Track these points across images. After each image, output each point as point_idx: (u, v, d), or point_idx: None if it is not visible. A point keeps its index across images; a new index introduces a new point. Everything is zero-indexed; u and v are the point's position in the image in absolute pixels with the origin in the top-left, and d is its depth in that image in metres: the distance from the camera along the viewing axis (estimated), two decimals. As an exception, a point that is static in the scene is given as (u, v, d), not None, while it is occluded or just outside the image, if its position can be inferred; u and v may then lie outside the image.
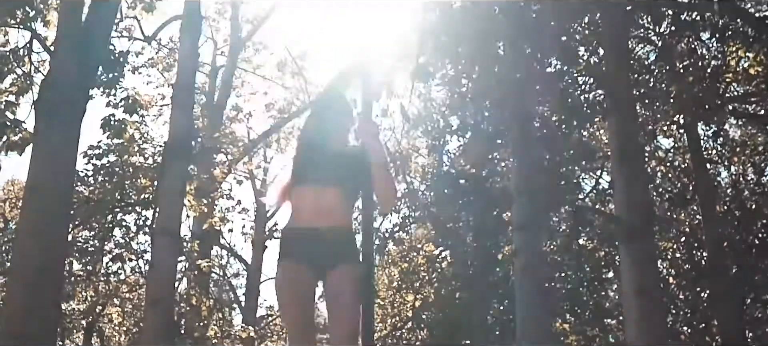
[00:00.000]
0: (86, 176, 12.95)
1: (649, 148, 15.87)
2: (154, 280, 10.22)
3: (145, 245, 14.11)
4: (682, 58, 12.30)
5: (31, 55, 10.58)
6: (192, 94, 11.71)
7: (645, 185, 10.23)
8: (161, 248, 10.19)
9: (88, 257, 13.92)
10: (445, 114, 15.73)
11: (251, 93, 21.46)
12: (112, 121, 11.77)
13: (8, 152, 9.62)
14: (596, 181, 16.72)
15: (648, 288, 8.21)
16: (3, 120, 9.67)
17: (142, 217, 13.47)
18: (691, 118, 13.63)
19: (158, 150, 13.05)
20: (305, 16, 33.80)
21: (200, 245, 14.47)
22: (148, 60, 18.22)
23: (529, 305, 10.43)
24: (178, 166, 10.55)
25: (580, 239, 17.59)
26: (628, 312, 8.31)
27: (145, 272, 13.84)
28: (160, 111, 19.23)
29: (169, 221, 10.31)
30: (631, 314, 8.19)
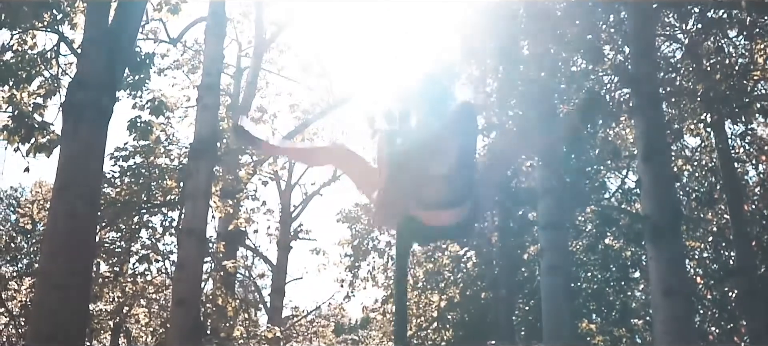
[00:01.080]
0: (113, 178, 13.05)
1: (676, 147, 15.75)
2: (180, 280, 10.29)
3: (172, 245, 14.20)
4: (708, 56, 12.18)
5: (58, 58, 10.68)
6: (217, 95, 11.77)
7: (672, 184, 10.15)
8: (187, 248, 10.26)
9: (115, 258, 14.01)
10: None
11: (276, 94, 21.56)
12: (139, 122, 11.84)
13: (36, 154, 9.71)
14: (622, 180, 16.62)
15: (676, 288, 8.14)
16: (31, 122, 9.76)
17: (168, 218, 13.56)
18: (718, 117, 13.49)
19: (184, 151, 13.12)
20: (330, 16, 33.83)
21: (226, 246, 14.52)
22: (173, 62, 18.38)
23: (555, 305, 10.40)
24: (203, 167, 10.62)
25: (606, 238, 17.49)
26: (657, 312, 8.24)
27: (172, 272, 13.91)
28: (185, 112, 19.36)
29: (195, 222, 10.38)
30: (660, 315, 8.12)
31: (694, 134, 15.52)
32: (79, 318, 7.34)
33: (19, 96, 10.05)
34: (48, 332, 6.94)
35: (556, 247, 10.84)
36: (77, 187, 7.64)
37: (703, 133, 15.41)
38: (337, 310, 24.88)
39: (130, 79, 10.97)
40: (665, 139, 9.84)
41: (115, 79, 8.84)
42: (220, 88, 13.65)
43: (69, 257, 7.28)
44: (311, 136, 21.75)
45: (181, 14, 11.52)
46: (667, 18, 12.43)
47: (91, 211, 7.81)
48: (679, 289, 8.18)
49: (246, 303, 14.68)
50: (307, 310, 25.68)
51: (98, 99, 8.19)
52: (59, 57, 10.69)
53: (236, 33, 20.68)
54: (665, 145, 9.65)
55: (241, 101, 19.43)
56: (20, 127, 9.62)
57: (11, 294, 18.57)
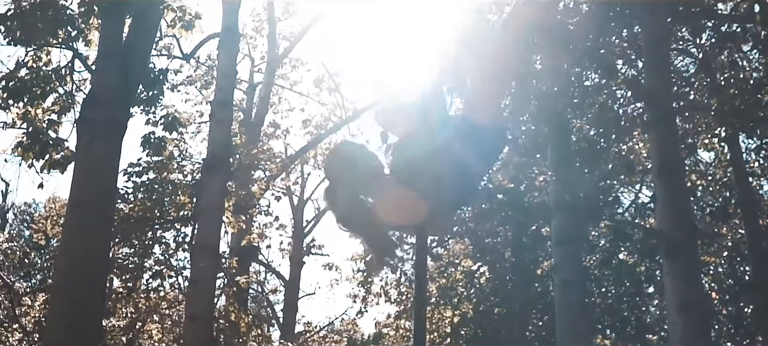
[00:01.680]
0: (126, 193, 13.08)
1: (690, 161, 15.67)
2: (193, 296, 10.29)
3: (185, 261, 14.23)
4: (722, 70, 12.13)
5: (72, 75, 10.73)
6: (230, 111, 11.81)
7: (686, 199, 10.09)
8: (200, 264, 10.27)
9: (129, 274, 14.03)
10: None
11: (288, 109, 21.59)
12: (152, 138, 11.89)
13: (50, 170, 9.76)
14: (636, 195, 16.54)
15: (692, 304, 8.08)
16: (45, 139, 9.81)
17: (181, 233, 13.58)
18: (733, 131, 13.42)
19: (197, 167, 13.15)
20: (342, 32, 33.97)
21: (239, 261, 14.53)
22: (186, 78, 18.44)
23: (569, 321, 10.34)
24: (216, 182, 10.64)
25: (620, 253, 17.40)
26: (673, 329, 8.17)
27: (185, 288, 13.92)
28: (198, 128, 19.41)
29: (208, 238, 10.39)
30: (676, 331, 8.05)
31: (708, 149, 15.45)
32: (93, 334, 7.35)
33: (34, 112, 10.11)
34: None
35: (569, 262, 10.79)
36: (91, 203, 7.66)
37: (718, 147, 15.34)
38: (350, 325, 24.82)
39: (143, 96, 11.01)
40: (679, 153, 9.79)
41: (129, 96, 8.88)
42: (233, 103, 13.69)
43: (83, 272, 7.29)
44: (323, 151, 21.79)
45: (194, 30, 11.56)
46: (680, 32, 12.40)
47: (104, 226, 7.83)
48: (695, 305, 8.11)
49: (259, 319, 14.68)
50: (320, 325, 25.65)
51: (112, 115, 8.22)
52: (74, 73, 10.75)
53: (249, 49, 20.77)
54: (679, 160, 9.60)
55: (253, 117, 19.48)
56: (35, 144, 9.67)
57: (25, 310, 18.63)
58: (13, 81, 10.04)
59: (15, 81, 10.05)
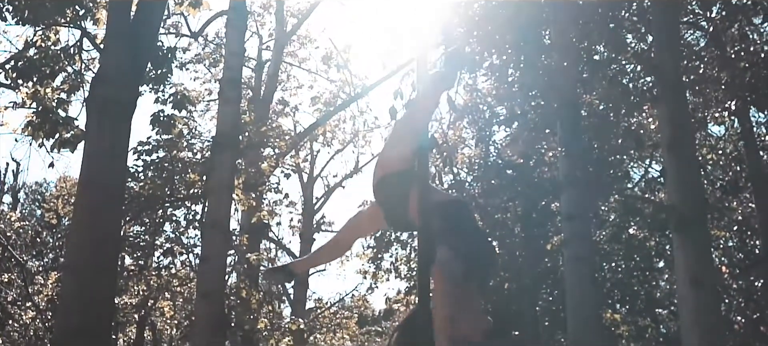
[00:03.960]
0: (136, 172, 13.12)
1: (700, 135, 15.61)
2: (204, 273, 10.34)
3: (195, 239, 14.27)
4: (733, 43, 12.06)
5: (81, 54, 10.76)
6: (239, 88, 11.81)
7: (697, 173, 10.05)
8: (211, 241, 10.31)
9: (140, 252, 14.10)
10: (491, 104, 15.66)
11: (297, 87, 21.59)
12: (161, 117, 11.91)
13: (61, 149, 9.79)
14: (645, 169, 16.50)
15: (703, 278, 8.07)
16: (55, 118, 9.84)
17: (191, 211, 13.62)
18: (743, 105, 13.35)
19: (206, 145, 13.17)
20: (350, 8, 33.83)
21: (249, 239, 14.58)
22: (195, 56, 18.46)
23: (579, 295, 10.34)
24: (226, 160, 10.66)
25: (630, 228, 17.39)
26: (683, 303, 8.17)
27: (196, 265, 13.98)
28: (207, 106, 19.47)
29: (218, 215, 10.43)
30: (686, 305, 8.05)
31: (718, 123, 15.39)
32: (106, 311, 7.40)
33: (43, 92, 10.13)
34: (75, 325, 7.00)
35: (579, 237, 10.77)
36: (101, 181, 7.69)
37: (728, 121, 15.27)
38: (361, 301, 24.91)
39: (152, 74, 11.02)
40: (689, 127, 9.74)
41: (138, 74, 8.88)
42: (242, 81, 13.69)
43: (94, 251, 7.33)
44: (332, 128, 21.78)
45: (202, 8, 11.55)
46: (690, 6, 12.31)
47: (115, 205, 7.86)
48: (705, 279, 8.10)
49: (270, 295, 14.73)
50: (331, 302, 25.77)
51: (121, 94, 8.23)
52: (82, 52, 10.77)
53: (257, 26, 20.73)
54: (689, 134, 9.56)
55: (262, 94, 19.48)
56: (44, 123, 9.70)
57: (38, 288, 18.77)
58: (22, 60, 10.07)
59: (24, 60, 10.08)
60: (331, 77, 21.15)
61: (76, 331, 6.93)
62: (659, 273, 18.89)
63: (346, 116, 22.00)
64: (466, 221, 3.69)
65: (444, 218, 3.58)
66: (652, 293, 18.21)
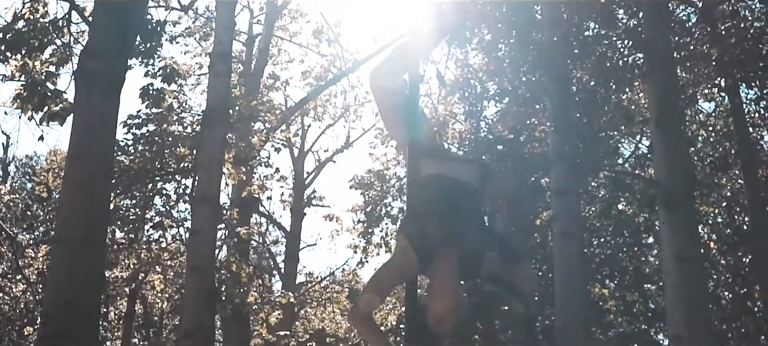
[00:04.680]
0: (126, 146, 13.10)
1: (690, 112, 15.65)
2: (194, 247, 10.37)
3: (186, 213, 14.28)
4: (724, 19, 12.06)
5: (70, 26, 10.69)
6: (229, 62, 11.77)
7: (685, 148, 10.10)
8: (201, 215, 10.33)
9: (130, 226, 14.11)
10: (482, 79, 15.65)
11: (288, 61, 21.52)
12: (151, 90, 11.87)
13: (49, 122, 9.76)
14: (635, 145, 16.55)
15: (688, 253, 8.13)
16: (44, 90, 9.79)
17: (181, 185, 13.62)
18: (733, 82, 13.39)
19: (196, 119, 13.15)
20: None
21: (240, 213, 14.59)
22: (185, 29, 18.36)
23: (567, 271, 10.41)
24: (216, 134, 10.66)
25: (619, 204, 17.45)
26: (668, 277, 8.24)
27: (186, 239, 14.00)
28: (198, 80, 19.39)
29: (208, 189, 10.44)
30: (671, 279, 8.12)
31: (708, 99, 15.43)
32: (94, 284, 7.42)
33: (32, 64, 10.08)
34: (64, 298, 7.02)
35: (568, 213, 10.82)
36: (90, 154, 7.68)
37: (718, 97, 15.31)
38: (351, 276, 25.00)
39: (141, 47, 10.97)
40: (678, 103, 9.78)
41: (127, 47, 8.85)
42: (232, 55, 13.65)
43: (83, 224, 7.33)
44: (323, 103, 21.74)
45: (192, -19, 11.49)
46: (681, -19, 12.31)
47: (104, 178, 7.86)
48: (691, 254, 8.17)
49: (260, 269, 14.77)
50: (321, 276, 25.85)
51: (110, 67, 8.20)
52: (71, 25, 10.70)
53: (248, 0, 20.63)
54: (678, 110, 9.60)
55: (253, 69, 19.42)
56: (33, 96, 9.65)
57: (28, 262, 18.78)
58: (10, 33, 10.00)
59: (12, 33, 10.01)
60: (322, 52, 21.09)
61: (66, 304, 6.95)
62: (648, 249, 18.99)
63: (337, 91, 21.96)
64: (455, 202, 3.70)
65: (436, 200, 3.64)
66: (640, 268, 18.31)
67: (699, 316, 7.95)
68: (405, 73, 4.03)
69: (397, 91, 3.96)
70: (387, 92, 4.00)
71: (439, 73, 6.67)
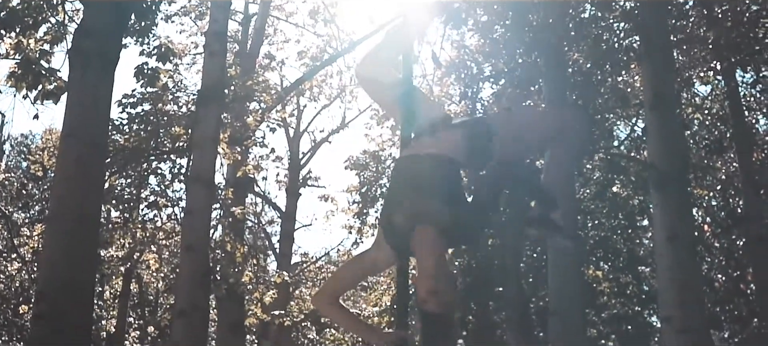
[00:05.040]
0: (121, 125, 13.07)
1: (687, 95, 15.67)
2: (189, 226, 10.37)
3: (181, 192, 14.28)
4: (720, 2, 12.06)
5: (64, 4, 10.64)
6: (225, 42, 11.72)
7: (679, 131, 10.12)
8: (195, 195, 10.32)
9: (125, 205, 14.11)
10: (478, 61, 15.64)
11: (284, 41, 21.46)
12: (146, 69, 11.83)
13: (44, 101, 9.75)
14: (631, 128, 16.57)
15: (680, 235, 8.16)
16: (38, 69, 9.77)
17: (176, 165, 13.61)
18: (729, 65, 13.39)
19: (192, 98, 13.12)
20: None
21: (235, 193, 14.59)
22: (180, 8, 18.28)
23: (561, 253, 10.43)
24: (211, 114, 10.64)
25: (614, 186, 17.50)
26: (660, 259, 8.27)
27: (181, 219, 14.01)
28: (193, 59, 19.33)
29: (203, 169, 10.43)
30: (663, 261, 8.15)
31: (704, 82, 15.44)
32: (89, 262, 7.43)
33: (26, 42, 10.05)
34: (58, 276, 7.03)
35: (563, 195, 10.83)
36: (84, 133, 7.67)
37: (714, 81, 15.32)
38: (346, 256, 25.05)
39: (136, 26, 10.93)
40: (672, 86, 9.78)
41: (122, 26, 8.81)
42: (228, 35, 13.59)
43: (77, 202, 7.33)
44: (319, 83, 21.71)
45: (187, -40, 11.44)
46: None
47: (98, 156, 7.85)
48: (683, 236, 8.19)
49: (255, 249, 14.79)
50: (316, 256, 25.90)
51: (104, 46, 8.18)
52: (65, 3, 10.66)
53: (244, -21, 20.55)
54: (673, 93, 9.60)
55: (249, 48, 19.37)
56: (27, 74, 9.63)
57: (23, 240, 18.79)
58: (5, 11, 9.97)
59: (7, 11, 9.97)
60: (318, 32, 21.03)
61: (60, 282, 6.96)
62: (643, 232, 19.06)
63: (333, 71, 21.93)
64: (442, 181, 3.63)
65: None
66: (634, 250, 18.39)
67: (691, 297, 7.99)
68: (395, 62, 3.90)
69: (391, 85, 3.81)
70: (378, 86, 3.87)
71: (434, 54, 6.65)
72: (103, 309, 23.74)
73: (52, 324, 6.82)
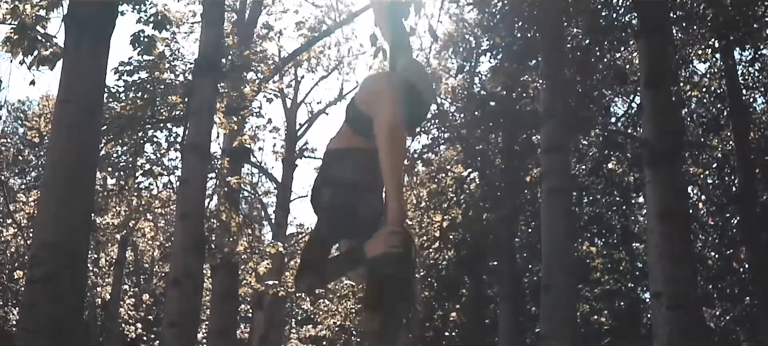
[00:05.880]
0: (117, 92, 13.04)
1: (685, 72, 15.65)
2: (184, 195, 10.41)
3: (176, 161, 14.28)
4: (719, -21, 12.03)
5: (61, -30, 10.58)
6: (222, 11, 11.69)
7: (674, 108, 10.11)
8: (191, 164, 10.36)
9: (121, 172, 14.12)
10: (476, 35, 15.61)
11: (282, 11, 21.36)
12: (142, 37, 11.78)
13: (39, 67, 9.71)
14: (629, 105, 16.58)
15: (672, 212, 8.18)
16: (34, 34, 9.72)
17: (173, 133, 13.61)
18: (727, 42, 13.38)
19: (189, 67, 13.09)
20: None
21: (231, 163, 14.59)
22: (177, -25, 18.17)
23: (554, 227, 10.46)
24: (207, 83, 10.64)
25: (610, 163, 17.53)
26: (651, 236, 8.29)
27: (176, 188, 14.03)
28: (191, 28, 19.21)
29: (199, 138, 10.46)
30: (654, 238, 8.18)
31: (702, 59, 15.42)
32: (82, 228, 7.44)
33: (22, 8, 9.99)
34: (51, 242, 7.04)
35: (558, 170, 10.85)
36: (79, 100, 7.64)
37: (712, 58, 15.30)
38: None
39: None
40: (668, 63, 9.76)
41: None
42: (226, 4, 13.54)
43: (71, 169, 7.33)
44: (317, 54, 21.65)
45: (185, -73, 11.37)
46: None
47: (93, 124, 7.83)
48: (675, 213, 8.21)
49: (250, 219, 14.82)
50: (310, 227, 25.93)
51: (100, 12, 8.14)
52: (62, -31, 10.59)
53: (243, -53, 20.41)
54: (669, 70, 9.58)
55: (247, 18, 19.28)
56: (23, 40, 9.58)
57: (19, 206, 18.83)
58: (0, -25, 9.92)
59: (3, -24, 9.93)
60: (316, 2, 20.96)
61: (53, 247, 6.98)
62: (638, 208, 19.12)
63: (331, 43, 21.87)
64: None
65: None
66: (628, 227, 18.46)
67: (681, 274, 8.02)
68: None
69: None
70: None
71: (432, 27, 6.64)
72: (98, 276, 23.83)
73: (45, 288, 6.84)
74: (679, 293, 7.86)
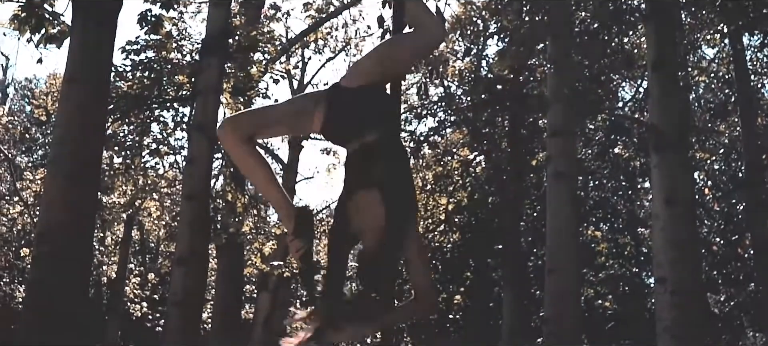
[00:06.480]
0: (124, 71, 13.06)
1: (694, 57, 15.58)
2: (189, 175, 10.44)
3: (183, 141, 14.30)
4: (728, -36, 11.94)
5: (68, -51, 10.57)
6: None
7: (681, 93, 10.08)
8: (197, 144, 10.38)
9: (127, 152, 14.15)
10: (484, 17, 15.55)
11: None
12: (149, 16, 11.78)
13: (47, 45, 9.73)
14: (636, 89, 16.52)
15: (678, 198, 8.17)
16: (41, 12, 9.74)
17: (179, 113, 13.63)
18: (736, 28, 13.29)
19: (196, 47, 13.09)
20: None
21: (237, 143, 14.56)
22: (186, -45, 18.13)
23: (559, 211, 10.47)
24: (214, 63, 10.65)
25: (616, 147, 17.49)
26: (656, 221, 8.29)
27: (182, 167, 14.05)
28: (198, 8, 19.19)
29: (205, 118, 10.47)
30: (659, 223, 8.17)
31: (710, 45, 15.35)
32: (88, 207, 7.49)
33: (30, -15, 10.00)
34: (57, 220, 7.09)
35: (563, 154, 10.84)
36: (86, 79, 7.69)
37: (720, 43, 15.22)
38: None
39: (140, -28, 10.88)
40: (675, 48, 9.72)
41: (125, -29, 8.77)
42: (233, -17, 13.51)
43: (77, 147, 7.38)
44: (324, 35, 21.60)
45: None
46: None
47: (99, 102, 7.88)
48: (681, 198, 8.20)
49: (255, 200, 14.83)
50: (318, 209, 25.97)
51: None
52: (69, -53, 10.58)
53: (251, -73, 20.33)
54: (676, 55, 9.54)
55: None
56: (30, 17, 9.60)
57: (26, 184, 18.90)
58: (8, -47, 9.91)
59: (10, -46, 9.92)
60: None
61: (59, 224, 7.03)
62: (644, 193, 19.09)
63: (338, 24, 21.81)
64: None
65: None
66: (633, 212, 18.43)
67: (686, 260, 8.02)
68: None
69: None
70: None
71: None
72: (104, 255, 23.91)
73: (51, 265, 6.89)
74: (683, 278, 7.86)
